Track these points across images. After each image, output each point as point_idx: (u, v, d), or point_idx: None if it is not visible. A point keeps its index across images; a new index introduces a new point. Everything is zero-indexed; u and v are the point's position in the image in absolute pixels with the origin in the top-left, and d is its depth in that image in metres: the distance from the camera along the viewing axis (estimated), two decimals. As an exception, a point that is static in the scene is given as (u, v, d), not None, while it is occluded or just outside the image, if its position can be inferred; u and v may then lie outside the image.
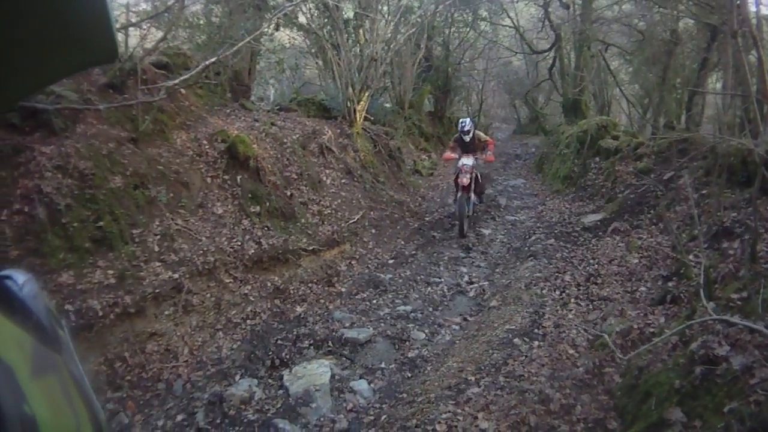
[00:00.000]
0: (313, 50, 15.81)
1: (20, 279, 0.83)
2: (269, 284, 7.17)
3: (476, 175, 10.51)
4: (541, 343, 5.35)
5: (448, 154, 11.04)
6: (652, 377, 4.03)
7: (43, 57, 0.65)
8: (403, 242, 10.08)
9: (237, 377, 5.52)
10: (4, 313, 0.68)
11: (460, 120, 11.09)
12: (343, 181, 10.77)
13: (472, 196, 10.47)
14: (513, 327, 5.85)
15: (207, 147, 7.84)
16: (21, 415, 0.57)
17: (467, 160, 10.34)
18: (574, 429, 3.96)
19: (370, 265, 8.88)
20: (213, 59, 8.18)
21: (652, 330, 4.94)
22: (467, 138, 10.73)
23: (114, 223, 5.84)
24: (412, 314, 7.03)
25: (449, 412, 4.39)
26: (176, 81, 7.65)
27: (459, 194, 10.13)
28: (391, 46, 13.15)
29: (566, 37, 19.90)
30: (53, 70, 0.71)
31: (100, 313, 5.13)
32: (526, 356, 5.14)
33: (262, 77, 15.53)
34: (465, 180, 10.08)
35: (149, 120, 6.98)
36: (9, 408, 0.55)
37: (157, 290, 5.77)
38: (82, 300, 5.09)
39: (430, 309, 7.26)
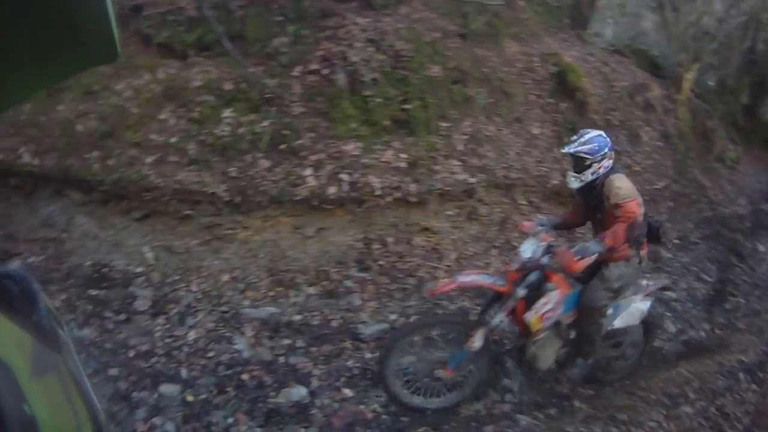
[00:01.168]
0: (653, 4, 13.78)
1: (20, 279, 0.76)
2: (560, 221, 5.97)
3: (559, 303, 3.66)
4: (758, 389, 4.62)
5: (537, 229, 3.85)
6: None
7: (44, 57, 0.58)
8: (692, 225, 8.37)
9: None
10: (4, 313, 0.63)
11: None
12: (658, 143, 9.12)
13: (532, 348, 3.77)
14: (744, 359, 5.00)
15: (537, 65, 6.94)
16: (21, 415, 0.53)
17: (527, 249, 3.59)
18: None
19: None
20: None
21: None
22: (577, 183, 3.65)
23: (422, 109, 5.20)
24: (672, 303, 6.17)
25: (656, 422, 3.87)
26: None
27: (476, 343, 3.54)
28: (722, 25, 11.46)
29: None
30: (53, 71, 0.64)
31: (378, 192, 4.63)
32: (740, 396, 4.48)
33: (602, 14, 13.88)
34: (509, 306, 3.61)
35: (482, 21, 6.31)
36: (9, 408, 0.50)
37: (448, 188, 5.10)
38: (361, 174, 4.65)
39: (690, 304, 6.29)
